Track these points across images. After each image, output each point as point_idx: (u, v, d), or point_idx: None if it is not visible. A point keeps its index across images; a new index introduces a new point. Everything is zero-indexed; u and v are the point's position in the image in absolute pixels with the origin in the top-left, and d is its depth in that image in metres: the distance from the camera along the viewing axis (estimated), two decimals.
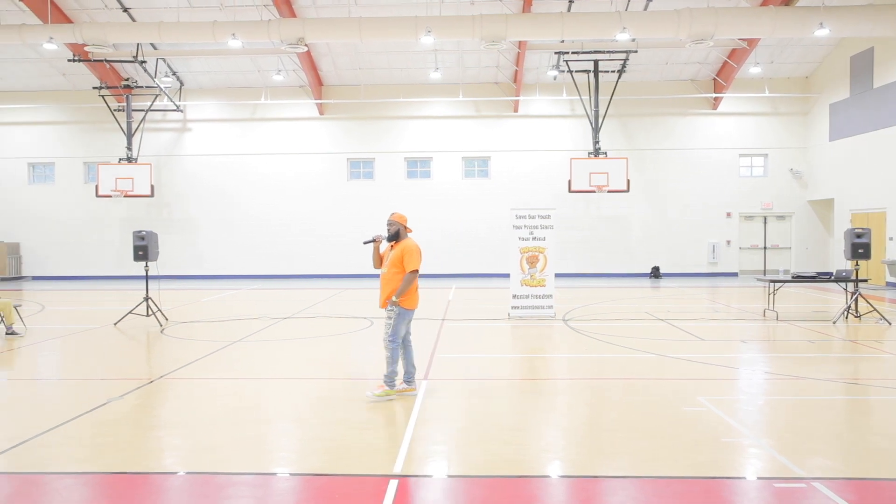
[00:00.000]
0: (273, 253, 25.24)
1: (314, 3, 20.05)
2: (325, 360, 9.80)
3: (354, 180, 25.49)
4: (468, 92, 24.60)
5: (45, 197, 25.69)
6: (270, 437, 6.14)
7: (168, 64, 23.89)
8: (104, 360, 9.95)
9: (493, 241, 24.45)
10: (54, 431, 6.19)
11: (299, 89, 24.94)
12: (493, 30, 17.24)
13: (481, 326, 12.73)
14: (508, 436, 6.00)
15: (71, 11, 20.49)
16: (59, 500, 4.75)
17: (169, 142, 25.53)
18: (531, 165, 24.95)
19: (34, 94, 25.48)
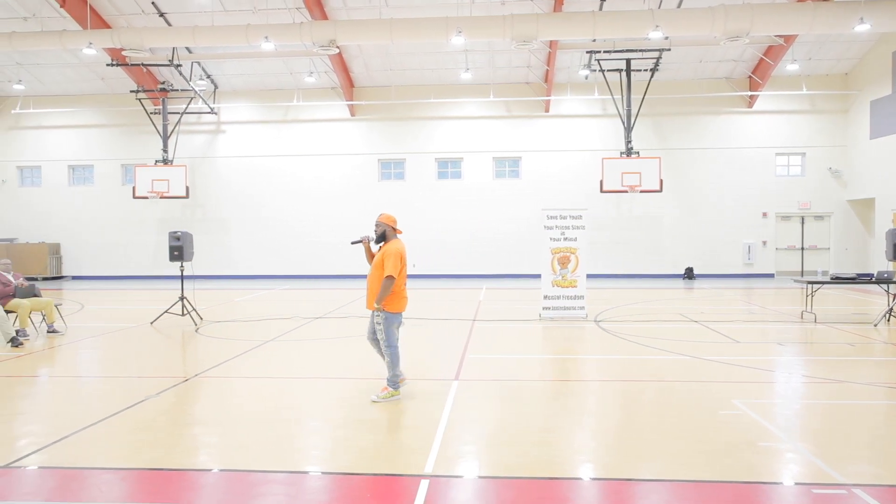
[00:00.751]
0: (304, 253, 25.47)
1: (345, 6, 20.20)
2: (356, 360, 9.84)
3: (385, 181, 25.61)
4: (499, 92, 24.55)
5: (84, 198, 26.29)
6: (302, 435, 6.19)
7: (203, 67, 24.27)
8: (141, 359, 10.14)
9: (524, 242, 24.36)
10: (94, 427, 6.33)
11: (331, 91, 25.13)
12: (524, 29, 17.17)
13: (512, 327, 12.68)
14: (539, 437, 5.97)
15: (109, 17, 20.94)
16: (98, 494, 4.85)
17: (203, 144, 25.93)
18: (562, 165, 24.80)
19: (74, 98, 26.10)
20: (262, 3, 19.94)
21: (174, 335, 12.07)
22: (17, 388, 8.21)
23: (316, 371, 9.04)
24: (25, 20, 20.90)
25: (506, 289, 20.57)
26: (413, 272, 24.99)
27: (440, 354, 10.11)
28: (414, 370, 9.07)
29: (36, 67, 24.30)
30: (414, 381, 8.27)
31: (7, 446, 5.85)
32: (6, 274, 11.86)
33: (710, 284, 21.97)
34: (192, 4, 20.22)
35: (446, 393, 7.53)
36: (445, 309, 15.50)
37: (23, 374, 9.01)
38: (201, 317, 13.71)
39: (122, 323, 13.59)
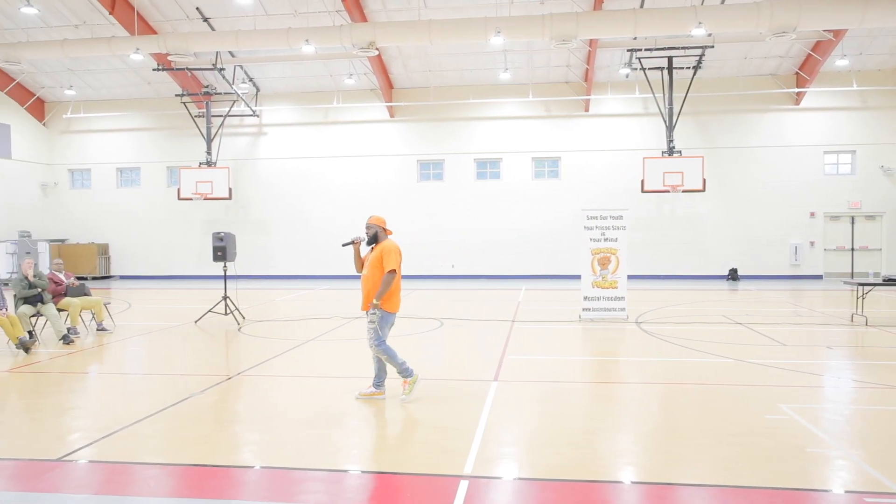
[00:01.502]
0: (344, 253, 25.62)
1: (385, 7, 20.32)
2: None
3: (424, 181, 25.68)
4: (538, 92, 24.41)
5: (131, 200, 26.97)
6: (342, 434, 6.24)
7: (245, 70, 24.67)
8: (186, 357, 10.36)
9: (564, 243, 24.18)
10: (141, 423, 6.48)
11: (370, 92, 25.32)
12: (564, 29, 17.04)
13: (552, 328, 12.59)
14: (580, 439, 5.91)
15: (156, 23, 21.44)
16: (146, 489, 4.97)
17: (246, 146, 26.37)
18: (602, 165, 24.54)
19: (122, 103, 26.80)
20: (303, 7, 20.19)
21: (217, 334, 12.30)
22: (68, 384, 8.46)
23: (356, 370, 9.10)
24: (76, 27, 21.54)
25: (545, 290, 20.44)
26: (451, 273, 25.03)
27: (479, 355, 10.09)
28: (452, 371, 9.07)
29: (86, 73, 25.03)
30: (453, 381, 8.27)
31: (59, 440, 6.03)
32: (58, 273, 12.23)
33: (756, 286, 21.48)
34: (235, 9, 20.58)
35: (485, 394, 7.51)
36: (484, 310, 15.47)
37: (73, 370, 9.29)
38: (243, 316, 13.93)
39: (167, 322, 13.90)
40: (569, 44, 17.33)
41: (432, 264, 25.20)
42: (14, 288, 11.17)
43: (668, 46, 20.70)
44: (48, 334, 11.76)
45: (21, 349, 10.22)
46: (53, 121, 27.30)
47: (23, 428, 6.49)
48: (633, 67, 21.76)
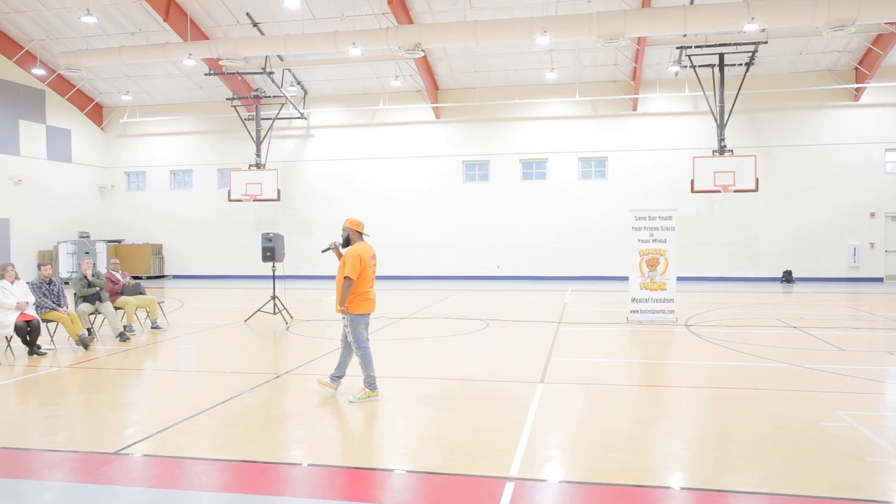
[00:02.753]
0: (390, 254, 25.82)
1: (430, 9, 20.39)
2: (441, 360, 9.91)
3: (470, 182, 25.67)
4: (584, 91, 24.16)
5: (184, 201, 27.67)
6: (388, 434, 6.28)
7: (293, 74, 25.06)
8: (236, 355, 10.58)
9: (611, 244, 23.87)
10: (193, 419, 6.64)
11: (416, 94, 25.44)
12: (611, 27, 16.82)
13: (599, 330, 12.44)
14: (628, 443, 5.82)
15: (207, 29, 21.95)
16: (198, 483, 5.08)
17: (294, 148, 26.79)
18: (651, 165, 24.13)
19: (175, 107, 27.52)
20: (350, 10, 20.41)
21: (266, 333, 12.52)
22: (124, 380, 8.73)
23: (402, 370, 9.15)
24: (132, 35, 22.22)
25: (592, 291, 20.20)
26: (497, 274, 24.95)
27: (525, 357, 10.03)
28: (498, 372, 9.04)
29: (142, 79, 25.79)
30: (498, 382, 8.24)
31: (116, 434, 6.22)
32: (115, 273, 12.63)
33: (811, 288, 20.83)
34: (284, 13, 20.92)
35: (531, 395, 7.46)
36: (530, 311, 15.38)
37: (129, 367, 9.57)
38: (291, 315, 14.15)
39: (218, 320, 14.21)
40: (616, 42, 17.11)
41: (477, 265, 25.18)
42: (74, 287, 11.57)
43: (720, 43, 20.24)
44: (105, 332, 12.14)
45: (80, 346, 10.59)
46: (111, 125, 28.20)
47: (82, 422, 6.72)
48: (683, 65, 21.34)
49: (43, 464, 5.47)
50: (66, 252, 25.13)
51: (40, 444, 5.89)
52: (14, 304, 9.91)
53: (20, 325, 9.92)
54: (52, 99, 25.51)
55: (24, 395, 7.99)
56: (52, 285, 10.84)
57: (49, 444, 5.88)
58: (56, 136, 25.70)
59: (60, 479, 5.16)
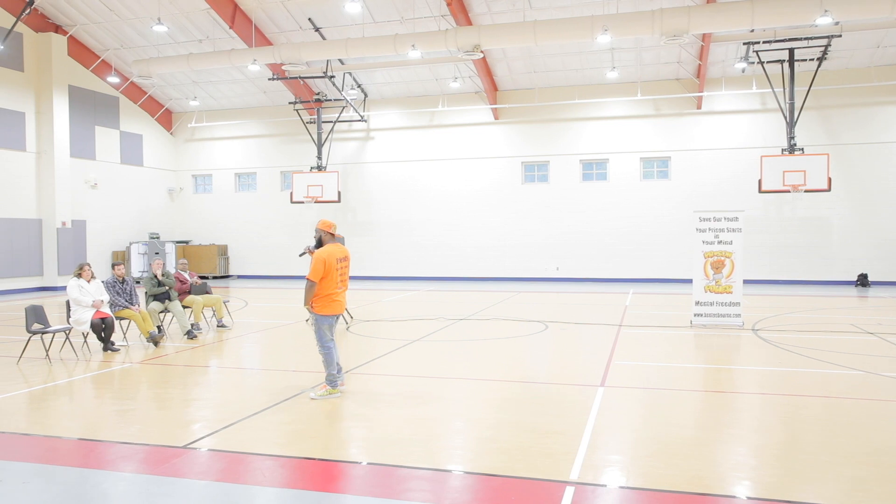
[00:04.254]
0: (448, 255, 25.93)
1: (489, 10, 20.36)
2: (500, 362, 9.87)
3: (529, 183, 25.51)
4: (647, 90, 23.69)
5: (248, 203, 28.41)
6: (447, 434, 6.28)
7: (354, 77, 25.42)
8: (298, 354, 10.79)
9: (674, 245, 23.32)
10: (257, 416, 6.79)
11: (475, 95, 25.44)
12: (675, 24, 16.45)
13: (661, 334, 12.16)
14: (691, 450, 5.66)
15: (271, 34, 22.49)
16: (262, 479, 5.20)
17: (354, 150, 27.17)
18: (716, 165, 23.47)
19: (240, 112, 28.30)
20: (409, 13, 20.57)
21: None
22: (192, 377, 9.01)
23: (459, 372, 9.15)
24: (200, 42, 22.95)
25: (654, 294, 19.78)
26: (556, 275, 24.71)
27: (585, 360, 9.90)
28: (558, 375, 8.95)
29: (209, 84, 26.61)
30: (558, 385, 8.15)
31: (184, 429, 6.42)
32: (183, 273, 13.05)
33: (889, 293, 19.86)
34: (345, 18, 21.25)
35: (592, 399, 7.34)
36: (590, 313, 15.17)
37: (196, 363, 9.87)
38: (352, 316, 14.33)
39: (280, 320, 14.52)
40: (680, 39, 16.72)
41: (536, 267, 24.99)
42: (145, 286, 12.01)
43: (790, 38, 19.54)
44: (174, 329, 12.56)
45: (151, 342, 10.99)
46: (179, 130, 29.20)
47: (152, 416, 6.96)
48: (750, 61, 20.67)
49: (116, 455, 5.70)
50: (138, 252, 26.13)
51: (114, 437, 6.14)
52: (90, 302, 10.35)
53: (96, 323, 10.35)
54: (126, 105, 26.59)
55: (99, 389, 8.34)
56: (124, 284, 11.28)
57: (122, 437, 6.11)
58: (129, 141, 26.77)
59: (132, 470, 5.36)
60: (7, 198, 21.19)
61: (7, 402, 7.56)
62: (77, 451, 5.88)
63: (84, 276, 10.50)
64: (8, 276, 21.61)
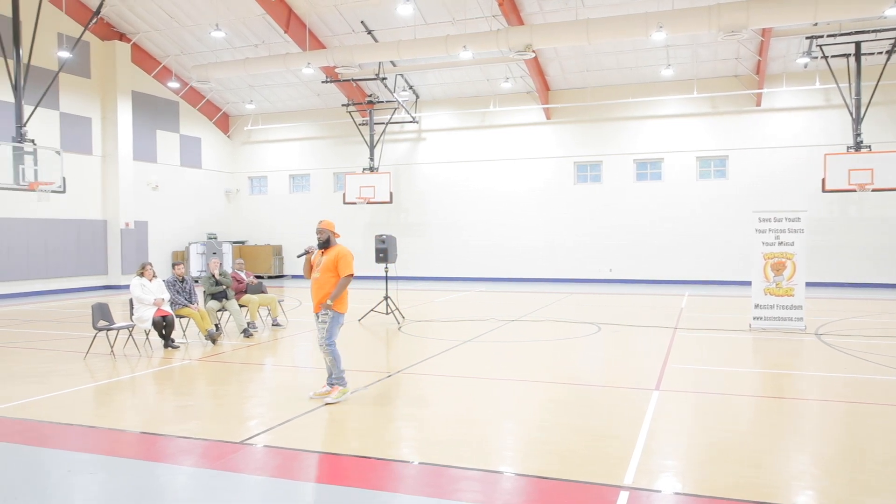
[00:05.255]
0: (499, 256, 25.85)
1: (541, 9, 20.21)
2: (552, 364, 9.79)
3: (581, 184, 25.23)
4: (703, 87, 23.14)
5: (302, 204, 28.90)
6: (498, 436, 6.26)
7: (405, 79, 25.60)
8: (350, 353, 10.88)
9: (732, 247, 22.73)
10: (311, 414, 6.90)
11: (526, 95, 25.30)
12: (733, 19, 16.03)
13: (718, 337, 11.86)
14: (750, 457, 5.50)
15: (324, 38, 22.83)
16: (314, 475, 5.28)
17: (406, 151, 27.35)
18: (776, 163, 22.76)
19: (294, 114, 28.82)
20: (461, 14, 20.59)
21: (379, 332, 12.83)
22: (248, 374, 9.21)
23: (511, 373, 9.11)
24: (256, 47, 23.47)
25: (710, 296, 19.30)
26: (609, 277, 24.38)
27: (639, 363, 9.73)
28: (611, 378, 8.82)
29: (264, 88, 27.18)
30: (612, 388, 8.03)
31: (241, 425, 6.57)
32: (240, 272, 13.35)
33: None
34: (397, 20, 21.41)
35: (646, 403, 7.21)
36: (644, 315, 14.90)
37: (252, 361, 10.09)
38: (403, 316, 14.42)
39: None
40: (738, 35, 16.28)
41: (589, 268, 24.70)
42: (203, 285, 12.34)
43: (856, 31, 18.80)
44: (231, 328, 12.86)
45: (209, 340, 11.28)
46: (236, 133, 29.91)
47: (210, 412, 7.14)
48: (813, 56, 19.99)
49: (176, 449, 5.86)
50: (197, 252, 26.87)
51: (174, 431, 6.32)
52: (152, 300, 10.69)
53: (157, 320, 10.68)
54: (185, 110, 27.38)
55: (160, 384, 8.60)
56: (184, 283, 11.61)
57: (182, 432, 6.28)
58: (188, 145, 27.57)
59: (191, 464, 5.51)
60: (75, 200, 22.06)
61: (75, 395, 7.87)
62: (140, 444, 6.08)
63: (146, 276, 10.84)
64: (75, 275, 22.51)
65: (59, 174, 15.42)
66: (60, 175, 15.46)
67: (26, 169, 14.60)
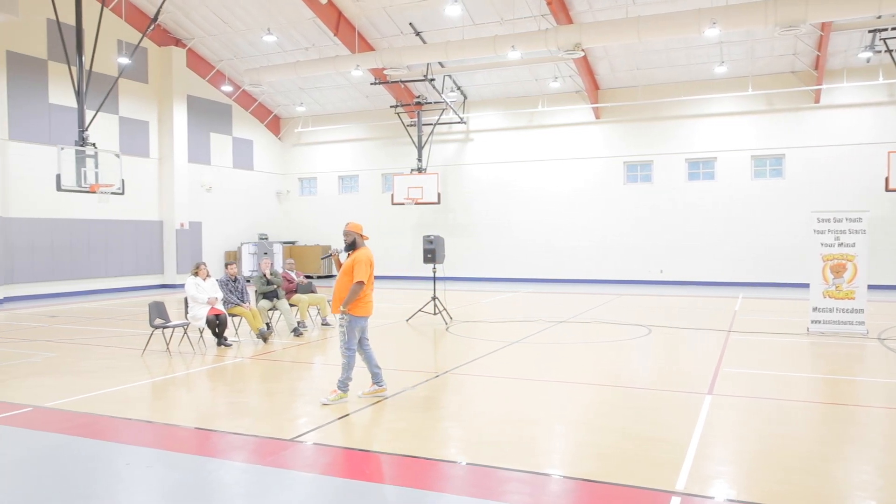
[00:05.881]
0: (547, 256, 25.66)
1: (591, 8, 19.98)
2: (601, 366, 9.66)
3: (631, 184, 24.86)
4: (758, 84, 22.53)
5: (351, 205, 29.21)
6: (546, 438, 6.21)
7: (453, 80, 25.63)
8: (399, 353, 10.97)
9: (788, 248, 22.06)
10: (359, 413, 6.96)
11: (575, 95, 25.05)
12: (790, 13, 15.55)
13: (774, 341, 11.52)
14: (807, 464, 5.32)
15: (373, 40, 23.04)
16: (363, 473, 5.32)
17: (454, 152, 27.39)
18: (835, 162, 21.99)
19: (343, 116, 29.17)
20: (509, 14, 20.51)
21: (427, 332, 12.87)
22: (297, 372, 9.35)
23: (559, 374, 9.02)
24: (306, 50, 23.84)
25: (766, 299, 18.77)
26: (660, 278, 23.95)
27: (691, 366, 9.53)
28: (662, 381, 8.66)
29: (314, 90, 27.59)
30: (663, 391, 7.88)
31: (291, 423, 6.67)
32: (290, 272, 13.57)
33: None
34: (445, 21, 21.46)
35: (699, 407, 7.05)
36: (696, 318, 14.58)
37: (302, 360, 10.24)
38: (451, 316, 14.43)
39: (382, 319, 14.81)
40: (796, 30, 15.79)
41: (639, 269, 24.31)
42: (255, 284, 12.58)
43: None
44: (281, 326, 13.08)
45: (260, 339, 11.49)
46: (287, 135, 30.43)
47: (262, 409, 7.27)
48: (876, 50, 19.25)
49: (229, 445, 5.99)
50: (248, 252, 27.43)
51: (227, 427, 6.45)
52: (206, 299, 10.95)
53: (210, 319, 10.94)
54: (238, 113, 27.99)
55: (213, 381, 8.81)
56: (236, 283, 11.86)
57: (234, 428, 6.42)
58: (240, 147, 28.18)
59: (243, 460, 5.62)
60: (133, 201, 22.76)
61: (133, 391, 8.13)
62: (194, 439, 6.23)
63: (200, 275, 11.11)
64: (133, 274, 23.24)
65: (119, 176, 15.93)
66: (119, 177, 15.97)
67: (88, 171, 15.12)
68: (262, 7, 21.61)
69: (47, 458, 5.68)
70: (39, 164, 19.58)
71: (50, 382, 8.50)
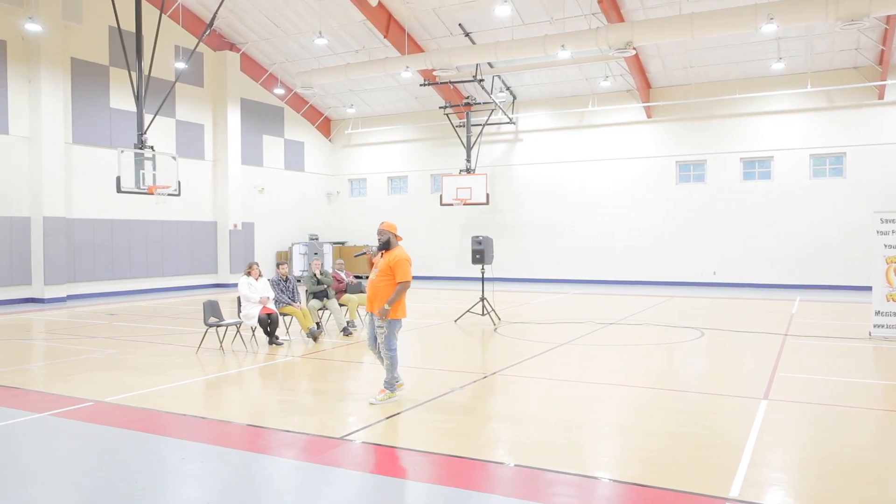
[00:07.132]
0: (597, 257, 25.36)
1: (643, 5, 19.66)
2: (651, 369, 9.50)
3: (683, 184, 24.37)
4: (818, 81, 21.81)
5: (399, 206, 29.41)
6: (594, 440, 6.14)
7: (503, 80, 25.55)
8: (446, 353, 11.00)
9: (849, 249, 21.30)
10: (408, 412, 7.00)
11: (626, 94, 24.69)
12: (852, 7, 15.00)
13: (833, 345, 11.13)
14: (870, 474, 5.13)
15: (422, 41, 23.16)
16: (412, 473, 5.36)
17: (502, 152, 27.31)
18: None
19: (393, 117, 29.40)
20: (559, 13, 20.34)
21: (475, 333, 12.86)
22: (346, 372, 9.46)
23: (609, 377, 8.91)
24: (357, 52, 24.11)
25: (825, 301, 18.17)
26: (713, 280, 23.42)
27: (746, 370, 9.28)
28: (716, 385, 8.46)
29: (364, 92, 27.89)
30: (717, 396, 7.70)
31: (341, 421, 6.75)
32: (340, 272, 13.74)
33: None
34: (494, 21, 21.41)
35: (754, 412, 6.86)
36: (751, 321, 14.20)
37: (351, 359, 10.36)
38: (499, 317, 14.39)
39: (430, 319, 14.88)
40: (859, 24, 15.22)
41: (692, 270, 23.82)
42: (306, 284, 12.78)
43: None
44: (331, 326, 13.25)
45: (311, 338, 11.66)
46: (337, 136, 30.83)
47: (311, 407, 7.38)
48: None
49: (280, 442, 6.10)
50: (299, 253, 27.88)
51: (277, 425, 6.57)
52: (258, 298, 11.18)
53: (262, 318, 11.16)
54: (289, 115, 28.50)
55: (265, 379, 8.98)
56: (287, 282, 12.07)
57: (284, 425, 6.53)
58: (292, 148, 28.68)
59: (293, 457, 5.72)
60: (188, 202, 23.39)
61: (188, 387, 8.35)
62: (246, 435, 6.37)
63: (252, 275, 11.35)
64: (188, 274, 23.88)
65: (175, 178, 16.38)
66: (176, 179, 16.43)
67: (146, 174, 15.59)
68: (314, 10, 21.95)
69: (106, 451, 5.88)
70: (100, 166, 20.31)
71: (110, 378, 8.80)
